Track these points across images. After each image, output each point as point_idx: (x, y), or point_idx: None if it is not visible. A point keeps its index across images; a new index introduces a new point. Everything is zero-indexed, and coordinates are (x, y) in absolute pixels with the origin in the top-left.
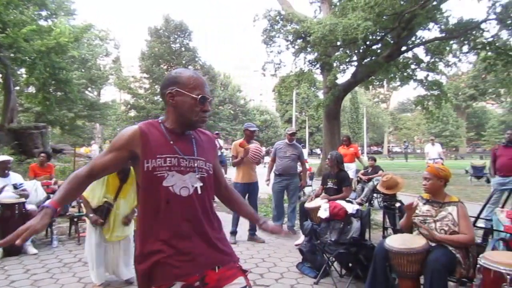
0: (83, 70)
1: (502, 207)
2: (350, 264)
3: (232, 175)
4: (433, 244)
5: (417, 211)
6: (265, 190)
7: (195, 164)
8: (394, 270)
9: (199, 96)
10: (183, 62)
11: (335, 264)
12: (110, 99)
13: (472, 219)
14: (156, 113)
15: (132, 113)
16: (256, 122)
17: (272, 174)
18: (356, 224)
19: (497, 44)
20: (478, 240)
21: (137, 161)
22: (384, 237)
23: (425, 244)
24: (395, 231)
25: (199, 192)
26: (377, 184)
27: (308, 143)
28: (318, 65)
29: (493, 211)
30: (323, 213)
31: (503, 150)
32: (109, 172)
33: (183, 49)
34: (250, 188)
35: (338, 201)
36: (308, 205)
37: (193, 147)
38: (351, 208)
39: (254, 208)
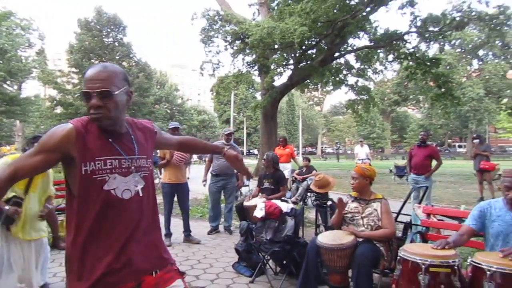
0: (0, 62)
1: (419, 203)
2: (285, 262)
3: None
4: (360, 239)
5: (346, 209)
6: (202, 190)
7: (137, 164)
8: (325, 265)
9: (81, 92)
10: (116, 57)
11: (270, 262)
12: (33, 94)
13: (394, 215)
14: (86, 111)
15: (59, 110)
16: (194, 122)
17: (209, 175)
18: (290, 222)
19: (417, 55)
20: (399, 234)
21: (72, 164)
22: (317, 234)
23: (353, 239)
24: (327, 228)
25: (142, 193)
26: (311, 183)
27: (246, 144)
28: (256, 67)
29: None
30: (259, 213)
31: (417, 150)
32: (34, 175)
33: (116, 44)
34: (179, 189)
35: (274, 201)
36: (246, 203)
37: (134, 145)
38: (286, 207)
39: (185, 209)
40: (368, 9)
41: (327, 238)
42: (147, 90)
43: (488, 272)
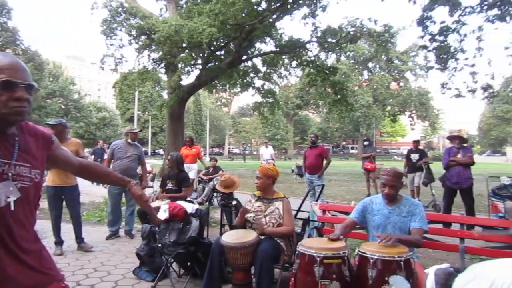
0: None
1: (316, 201)
2: (189, 263)
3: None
4: (262, 237)
5: (249, 208)
6: (101, 193)
7: (15, 171)
8: (229, 263)
9: (1, 80)
10: None
11: (174, 265)
12: None
13: (294, 212)
14: None
15: None
16: (93, 120)
17: None
18: (195, 223)
19: (317, 63)
20: (298, 230)
21: None
22: (221, 234)
23: (256, 237)
24: (231, 228)
25: (13, 207)
26: (217, 183)
27: (151, 144)
28: (162, 65)
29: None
30: (162, 215)
31: (310, 151)
32: None
33: None
34: (65, 193)
35: (178, 201)
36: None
37: (13, 150)
38: (190, 207)
39: (75, 215)
40: (275, 16)
41: (231, 237)
42: (37, 82)
43: (371, 260)
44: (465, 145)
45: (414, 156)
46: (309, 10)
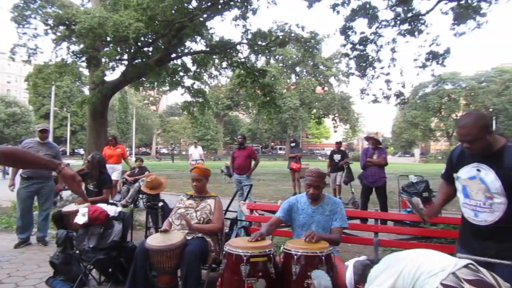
0: None
1: (244, 200)
2: (110, 270)
3: None
4: (189, 238)
5: (180, 205)
6: (9, 196)
7: None
8: (154, 267)
9: None
10: None
11: (94, 272)
12: None
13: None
14: None
15: None
16: (1, 116)
17: (19, 177)
18: (118, 227)
19: (247, 65)
20: (227, 229)
21: None
22: (146, 237)
23: (182, 239)
24: (157, 230)
25: None
26: (143, 184)
27: (70, 143)
28: (84, 58)
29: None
30: (81, 219)
31: (238, 152)
32: None
33: None
34: None
35: (99, 204)
36: (66, 209)
37: None
38: (113, 210)
39: None
40: (205, 15)
41: (156, 240)
42: None
43: (295, 256)
44: (380, 146)
45: (336, 157)
46: (240, 12)
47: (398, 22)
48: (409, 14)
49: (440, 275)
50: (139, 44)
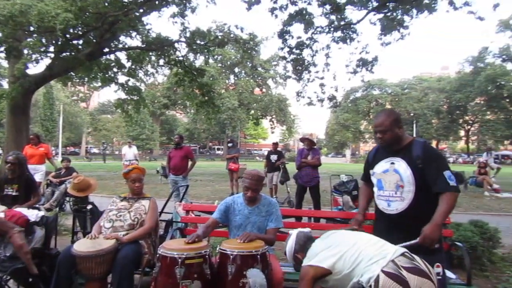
0: None
1: (180, 201)
2: (31, 279)
3: None
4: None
5: (112, 207)
6: None
7: None
8: (82, 274)
9: None
10: None
11: (11, 282)
12: None
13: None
14: None
15: None
16: None
17: None
18: (39, 232)
19: (185, 64)
20: (162, 231)
21: None
22: (73, 242)
23: (114, 243)
24: (86, 235)
25: None
26: (69, 186)
27: None
28: (2, 49)
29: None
30: None
31: (174, 152)
32: None
33: None
34: None
35: (18, 209)
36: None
37: None
38: (34, 215)
39: None
40: (141, 10)
41: (84, 245)
42: None
43: (231, 256)
44: (314, 147)
45: (273, 157)
46: (179, 9)
47: (332, 29)
48: (342, 23)
49: (381, 262)
50: (67, 36)
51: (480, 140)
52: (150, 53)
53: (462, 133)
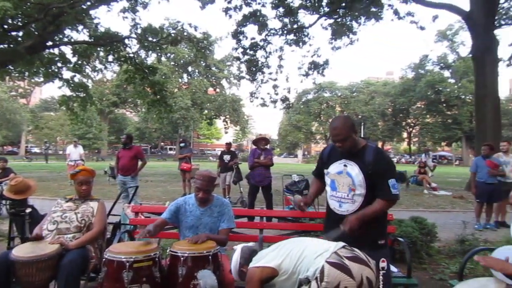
0: None
1: (129, 203)
2: None
3: None
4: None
5: (57, 208)
6: None
7: None
8: (20, 282)
9: None
10: None
11: None
12: None
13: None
14: None
15: None
16: None
17: None
18: None
19: (136, 61)
20: (109, 235)
21: None
22: (10, 248)
23: (57, 248)
24: (24, 240)
25: None
26: (6, 188)
27: None
28: None
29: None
30: None
31: (123, 152)
32: None
33: None
34: None
35: None
36: None
37: None
38: None
39: None
40: (89, 3)
41: (24, 250)
42: None
43: (182, 258)
44: (267, 148)
45: (226, 157)
46: (129, 4)
47: (285, 32)
48: (295, 26)
49: (325, 254)
50: (5, 26)
51: (420, 141)
52: (98, 49)
53: (405, 135)
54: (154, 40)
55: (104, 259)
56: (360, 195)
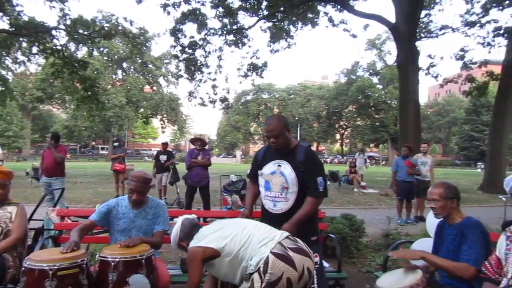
0: None
1: (54, 206)
2: None
3: None
4: None
5: None
6: None
7: None
8: None
9: None
10: None
11: None
12: None
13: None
14: None
15: None
16: None
17: None
18: None
19: (65, 54)
20: (30, 242)
21: None
22: None
23: None
24: None
25: None
26: None
27: None
28: None
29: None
30: None
31: (49, 152)
32: None
33: None
34: None
35: None
36: None
37: None
38: None
39: None
40: None
41: None
42: None
43: (112, 263)
44: (205, 148)
45: (163, 158)
46: None
47: (225, 32)
48: (235, 27)
49: (270, 244)
50: None
51: (352, 143)
52: (21, 39)
53: (338, 136)
54: (86, 32)
55: (23, 269)
56: (293, 193)
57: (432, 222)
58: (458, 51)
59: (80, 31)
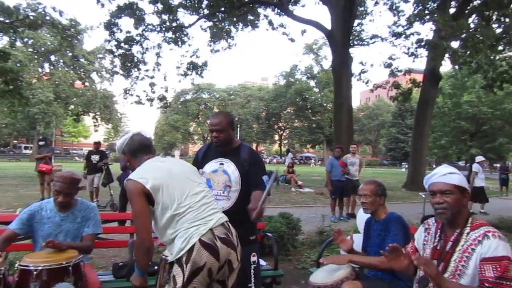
0: None
1: None
2: None
3: None
4: None
5: None
6: None
7: None
8: None
9: None
10: None
11: None
12: None
13: None
14: None
15: None
16: None
17: None
18: None
19: None
20: None
21: None
22: None
23: None
24: None
25: None
26: None
27: None
28: None
29: None
30: None
31: None
32: None
33: None
34: None
35: None
36: None
37: None
38: None
39: None
40: None
41: None
42: None
43: (35, 272)
44: None
45: (95, 158)
46: None
47: (164, 29)
48: (174, 24)
49: (201, 229)
50: None
51: (290, 144)
52: None
53: (276, 137)
54: (7, 21)
55: None
56: (236, 191)
57: (361, 219)
58: (387, 59)
59: (1, 18)
